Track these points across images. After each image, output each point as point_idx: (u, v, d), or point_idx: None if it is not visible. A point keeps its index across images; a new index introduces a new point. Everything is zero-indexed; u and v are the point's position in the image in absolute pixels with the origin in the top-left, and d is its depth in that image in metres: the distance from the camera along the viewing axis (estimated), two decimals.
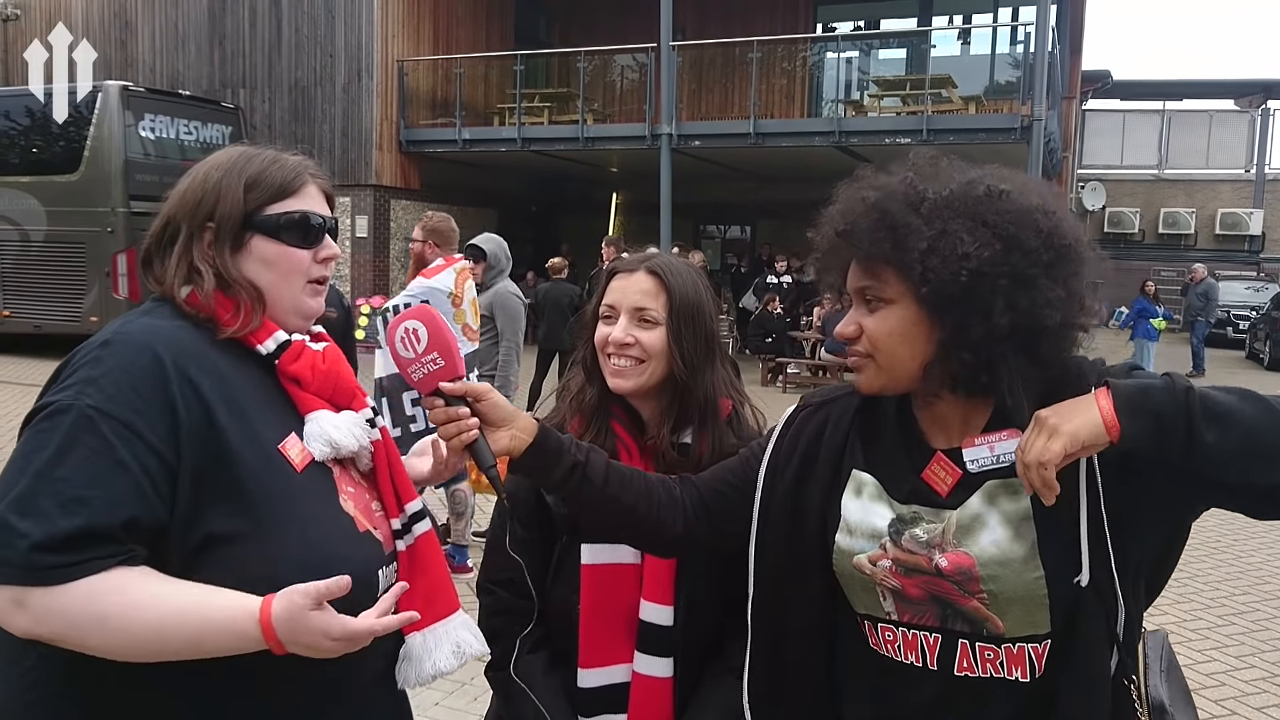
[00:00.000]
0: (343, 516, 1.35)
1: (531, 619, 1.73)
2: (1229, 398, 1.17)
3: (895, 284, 1.31)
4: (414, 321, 1.39)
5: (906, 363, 1.32)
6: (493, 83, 18.03)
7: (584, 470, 1.45)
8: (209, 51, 17.27)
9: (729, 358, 1.84)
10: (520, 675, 1.70)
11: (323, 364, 1.41)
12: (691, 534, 1.51)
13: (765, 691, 1.47)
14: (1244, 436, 1.13)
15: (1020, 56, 14.91)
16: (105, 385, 1.22)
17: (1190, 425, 1.14)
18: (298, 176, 1.43)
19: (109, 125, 13.14)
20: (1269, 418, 1.14)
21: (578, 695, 1.69)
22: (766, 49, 16.24)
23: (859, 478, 1.40)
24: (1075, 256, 1.29)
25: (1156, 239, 27.86)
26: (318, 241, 1.43)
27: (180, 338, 1.32)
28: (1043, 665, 1.27)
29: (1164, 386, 1.17)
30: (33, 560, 1.16)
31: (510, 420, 1.42)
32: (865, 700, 1.40)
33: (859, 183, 1.37)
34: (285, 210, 1.40)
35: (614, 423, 1.74)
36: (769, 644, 1.46)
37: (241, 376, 1.35)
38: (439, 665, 1.41)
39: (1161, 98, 29.12)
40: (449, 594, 1.45)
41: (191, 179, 1.42)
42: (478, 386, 1.40)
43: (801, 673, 1.43)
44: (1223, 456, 1.14)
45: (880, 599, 1.34)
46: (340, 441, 1.37)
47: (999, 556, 1.25)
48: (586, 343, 1.78)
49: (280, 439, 1.34)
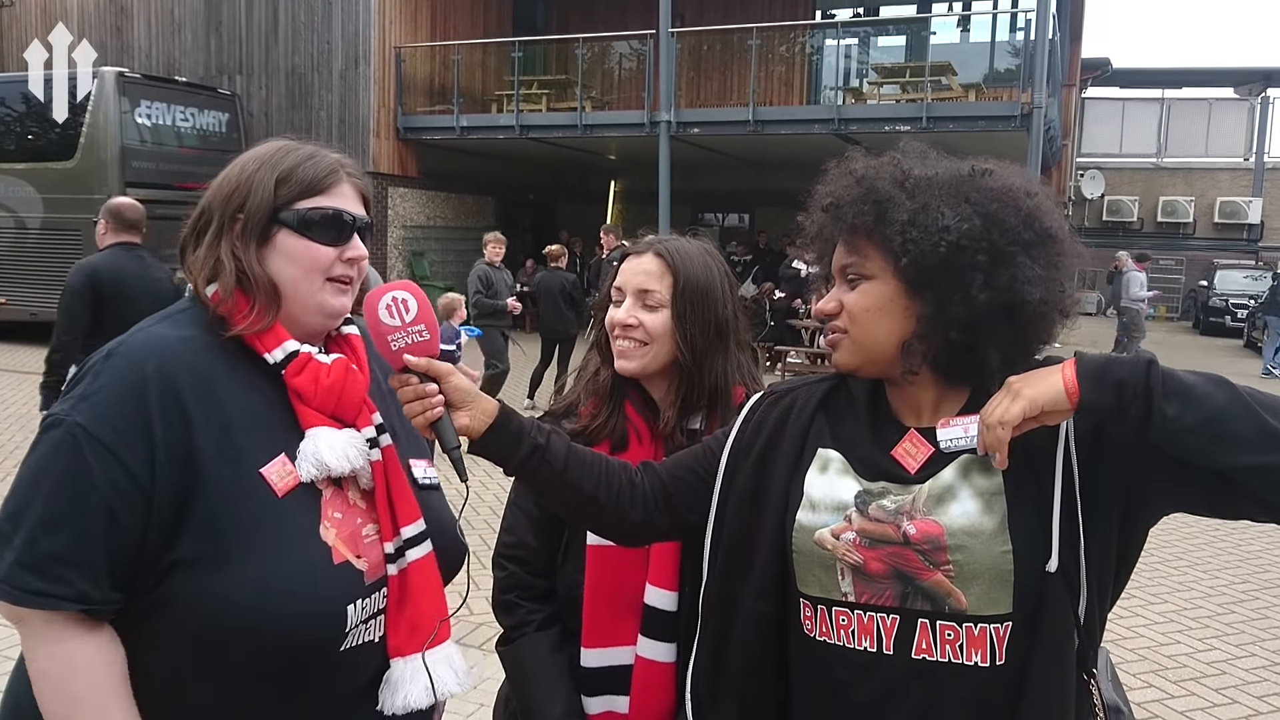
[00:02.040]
0: (318, 546, 1.32)
1: (543, 596, 1.73)
2: (1195, 378, 1.17)
3: (876, 259, 1.32)
4: (404, 292, 1.36)
5: (883, 339, 1.33)
6: (490, 70, 17.98)
7: (544, 454, 1.44)
8: (205, 38, 17.19)
9: (748, 345, 1.82)
10: (527, 652, 1.71)
11: (327, 378, 1.37)
12: (650, 522, 1.50)
13: (707, 680, 1.46)
14: (1204, 417, 1.14)
15: (1020, 44, 14.87)
16: (96, 403, 1.25)
17: (1149, 397, 1.15)
18: (332, 174, 1.41)
19: (105, 112, 13.07)
20: (1234, 405, 1.14)
21: (581, 675, 1.69)
22: (766, 36, 16.19)
23: (825, 455, 1.39)
24: (1055, 240, 1.31)
25: (1155, 228, 27.86)
26: (345, 240, 1.41)
27: (182, 351, 1.31)
28: (1003, 651, 1.25)
29: (1130, 361, 1.19)
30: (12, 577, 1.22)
31: (472, 401, 1.40)
32: (813, 693, 1.37)
33: (848, 163, 1.40)
34: (314, 206, 1.38)
35: (627, 405, 1.73)
36: (716, 632, 1.44)
37: (244, 391, 1.33)
38: (410, 699, 1.38)
39: (1161, 86, 29.09)
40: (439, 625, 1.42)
41: (230, 170, 1.42)
42: (442, 366, 1.38)
43: (745, 662, 1.41)
44: (1180, 433, 1.15)
45: (839, 577, 1.31)
46: (330, 463, 1.34)
47: (968, 527, 1.25)
48: (599, 325, 1.77)
49: (267, 461, 1.31)
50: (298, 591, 1.27)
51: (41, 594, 1.21)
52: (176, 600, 1.25)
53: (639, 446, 1.70)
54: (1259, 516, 1.19)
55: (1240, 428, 1.13)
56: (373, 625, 1.37)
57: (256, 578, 1.25)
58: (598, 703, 1.69)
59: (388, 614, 1.38)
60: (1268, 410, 1.14)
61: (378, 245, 16.81)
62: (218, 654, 1.27)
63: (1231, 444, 1.13)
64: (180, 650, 1.27)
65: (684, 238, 1.80)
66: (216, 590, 1.24)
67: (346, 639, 1.33)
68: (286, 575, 1.27)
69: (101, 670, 1.24)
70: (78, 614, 1.23)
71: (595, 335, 1.81)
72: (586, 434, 1.70)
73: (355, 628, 1.34)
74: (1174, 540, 6.43)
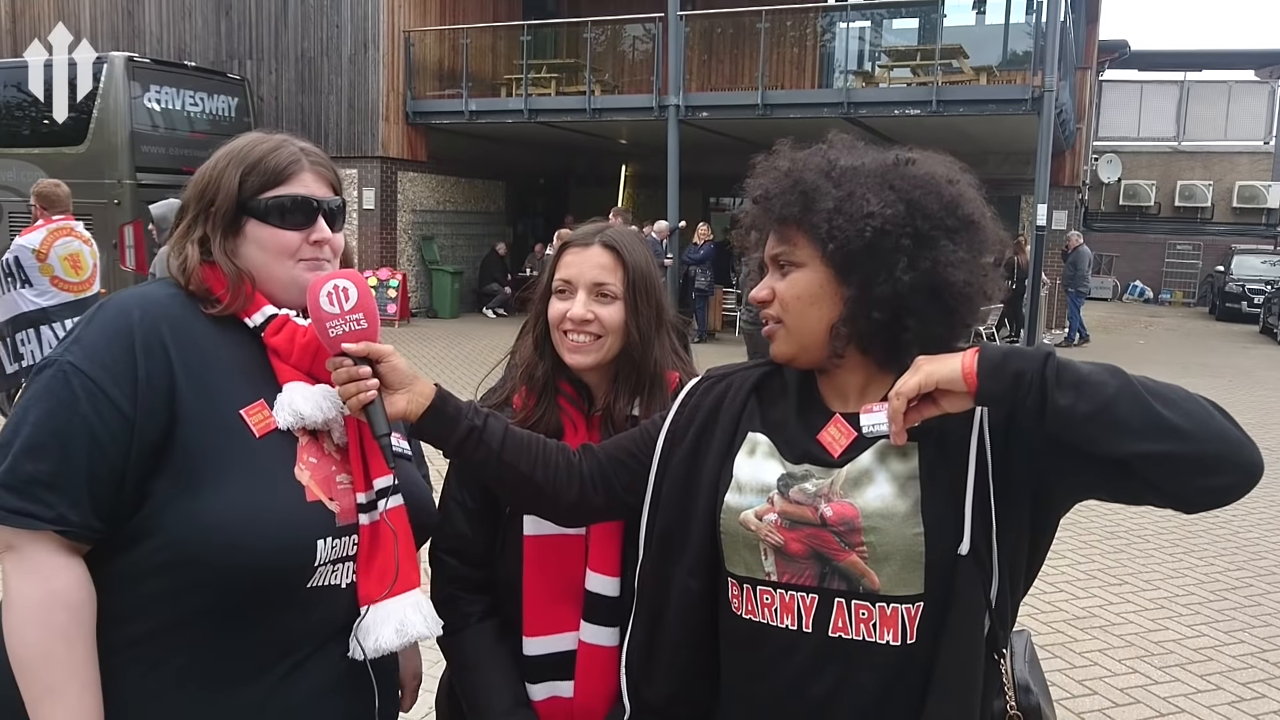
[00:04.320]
0: (292, 484, 1.39)
1: (482, 587, 1.75)
2: (1090, 368, 1.20)
3: (805, 247, 1.37)
4: (345, 281, 1.40)
5: (814, 324, 1.36)
6: (500, 53, 17.95)
7: (480, 435, 1.47)
8: (215, 22, 17.25)
9: (676, 328, 1.83)
10: (470, 643, 1.72)
11: (303, 337, 1.44)
12: (586, 501, 1.53)
13: (640, 656, 1.50)
14: (1096, 406, 1.17)
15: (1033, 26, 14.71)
16: (85, 344, 1.35)
17: (1044, 387, 1.19)
18: (294, 163, 1.48)
19: (115, 97, 13.14)
20: (1125, 393, 1.17)
21: (524, 662, 1.71)
22: (776, 19, 16.08)
23: (754, 439, 1.43)
24: (976, 226, 1.36)
25: (1173, 212, 27.61)
26: (310, 224, 1.47)
27: (167, 304, 1.40)
28: (914, 630, 1.30)
29: (1029, 352, 1.22)
30: None
31: (409, 383, 1.44)
32: (741, 669, 1.42)
33: (776, 156, 1.45)
34: (277, 195, 1.45)
35: (559, 396, 1.74)
36: (650, 610, 1.49)
37: (224, 346, 1.41)
38: (381, 642, 1.44)
39: (1180, 68, 28.77)
40: (407, 572, 1.47)
41: (205, 165, 1.50)
42: (381, 348, 1.41)
43: (677, 639, 1.46)
44: (1074, 422, 1.18)
45: (762, 557, 1.36)
46: (305, 412, 1.41)
47: (882, 510, 1.29)
48: (538, 316, 1.77)
49: (246, 405, 1.39)
50: (270, 520, 1.34)
51: (19, 513, 1.27)
52: (151, 528, 1.32)
53: (574, 435, 1.71)
54: (1155, 501, 1.22)
55: (1130, 417, 1.16)
56: (340, 569, 1.43)
57: (231, 504, 1.32)
58: (541, 689, 1.71)
59: (358, 562, 1.44)
60: (1158, 399, 1.17)
61: (387, 229, 16.88)
62: (188, 582, 1.32)
63: (1121, 432, 1.16)
64: (152, 580, 1.33)
65: (616, 224, 1.82)
66: (191, 516, 1.31)
67: (314, 575, 1.39)
68: (260, 505, 1.34)
69: (76, 602, 1.29)
70: (56, 539, 1.29)
71: (532, 326, 1.79)
72: (519, 425, 1.71)
73: (323, 565, 1.39)
74: (1171, 527, 6.41)
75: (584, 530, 1.68)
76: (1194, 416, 1.16)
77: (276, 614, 1.38)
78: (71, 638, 1.28)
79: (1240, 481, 1.18)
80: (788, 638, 1.34)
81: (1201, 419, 1.16)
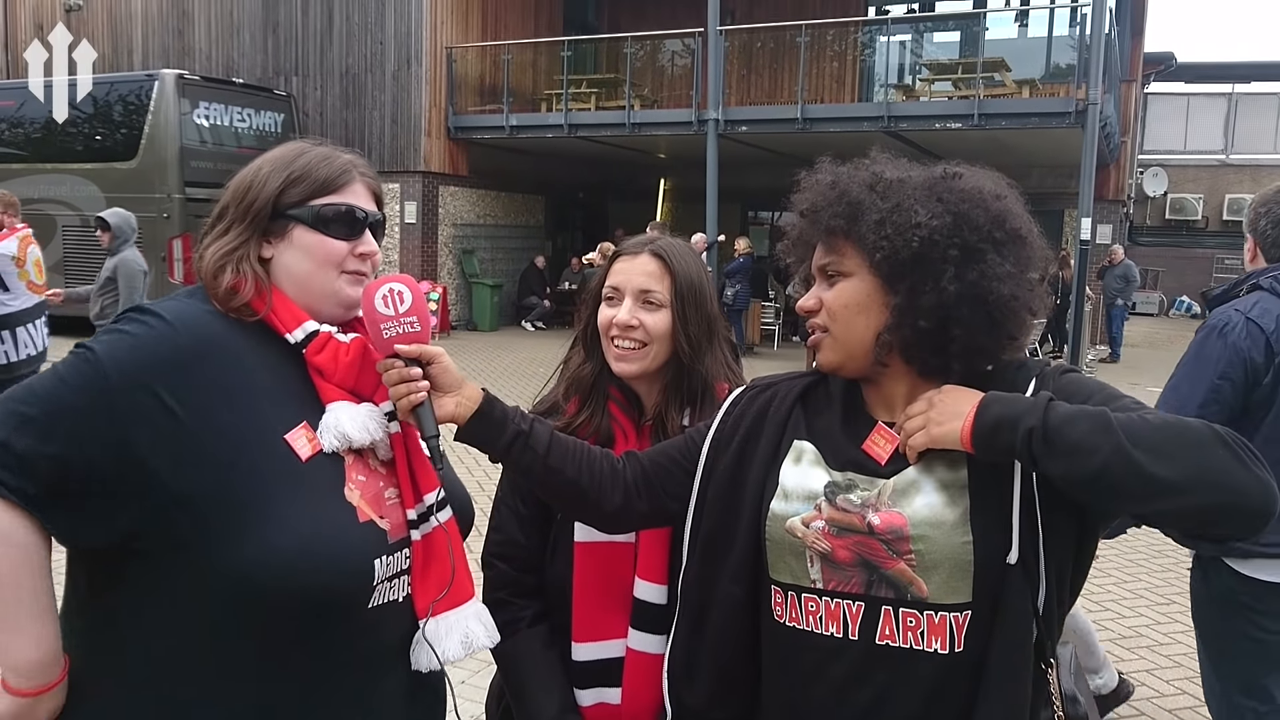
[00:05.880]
0: (344, 506, 1.37)
1: (532, 592, 1.77)
2: (1079, 432, 1.19)
3: (853, 257, 1.39)
4: (400, 284, 1.42)
5: (861, 333, 1.38)
6: (541, 69, 18.11)
7: (527, 440, 1.49)
8: (262, 40, 17.57)
9: (728, 340, 1.85)
10: (521, 648, 1.73)
11: (346, 356, 1.43)
12: (630, 507, 1.54)
13: (682, 661, 1.51)
14: (1088, 475, 1.19)
15: (1076, 39, 14.58)
16: (119, 342, 1.30)
17: (1035, 463, 1.23)
18: (344, 173, 1.48)
19: (165, 113, 13.44)
20: (1117, 458, 1.17)
21: (572, 668, 1.73)
22: (816, 33, 16.07)
23: (799, 446, 1.44)
24: (1023, 240, 1.38)
25: (1220, 226, 27.10)
26: (357, 235, 1.47)
27: (208, 323, 1.37)
28: (962, 638, 1.30)
29: (1019, 419, 1.23)
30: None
31: (458, 387, 1.46)
32: (783, 676, 1.42)
33: (819, 170, 1.47)
34: (328, 203, 1.45)
35: (610, 404, 1.76)
36: (692, 615, 1.50)
37: (265, 364, 1.39)
38: (447, 653, 1.45)
39: (1228, 80, 28.28)
40: (464, 584, 1.48)
41: (247, 169, 1.49)
42: (433, 350, 1.43)
43: (719, 644, 1.47)
44: (1066, 487, 1.23)
45: (808, 564, 1.37)
46: (352, 434, 1.39)
47: (931, 518, 1.30)
48: (588, 323, 1.80)
49: (290, 428, 1.36)
50: (326, 545, 1.32)
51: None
52: (205, 564, 1.28)
53: (625, 444, 1.72)
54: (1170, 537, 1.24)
55: (1123, 482, 1.17)
56: (396, 585, 1.42)
57: (286, 534, 1.29)
58: (589, 695, 1.72)
59: (413, 576, 1.44)
60: (1152, 454, 1.16)
61: (428, 243, 17.05)
62: (249, 616, 1.30)
63: (1117, 497, 1.21)
64: (210, 614, 1.30)
65: (671, 237, 1.84)
66: (247, 548, 1.28)
67: (374, 594, 1.38)
68: (315, 531, 1.32)
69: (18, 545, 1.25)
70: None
71: (582, 332, 1.82)
72: (570, 432, 1.73)
73: (380, 584, 1.39)
74: None
75: (634, 537, 1.69)
76: (1191, 466, 1.15)
77: (341, 636, 1.37)
78: (18, 575, 1.25)
79: (1248, 524, 1.17)
80: (833, 645, 1.34)
81: (1199, 467, 1.15)
